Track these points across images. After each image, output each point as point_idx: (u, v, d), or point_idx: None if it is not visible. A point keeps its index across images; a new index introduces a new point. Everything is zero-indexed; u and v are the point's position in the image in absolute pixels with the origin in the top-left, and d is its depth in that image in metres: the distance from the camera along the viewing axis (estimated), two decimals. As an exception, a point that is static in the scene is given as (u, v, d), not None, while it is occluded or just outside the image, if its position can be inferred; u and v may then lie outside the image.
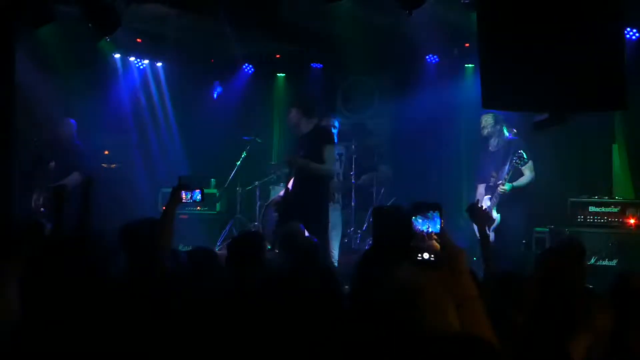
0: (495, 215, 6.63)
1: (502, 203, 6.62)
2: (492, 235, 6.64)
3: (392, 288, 2.12)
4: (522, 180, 6.65)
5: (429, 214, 2.17)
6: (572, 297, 3.21)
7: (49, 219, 5.23)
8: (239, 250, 3.81)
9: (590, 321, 2.50)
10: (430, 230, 2.16)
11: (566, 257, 3.57)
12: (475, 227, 4.02)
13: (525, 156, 6.49)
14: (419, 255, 2.14)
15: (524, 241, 6.73)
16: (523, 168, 6.63)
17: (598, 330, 2.46)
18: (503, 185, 6.54)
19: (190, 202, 4.35)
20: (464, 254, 2.13)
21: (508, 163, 6.53)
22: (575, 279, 3.42)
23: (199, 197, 4.33)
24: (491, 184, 6.72)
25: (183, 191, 4.33)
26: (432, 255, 2.13)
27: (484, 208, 6.63)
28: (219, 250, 7.75)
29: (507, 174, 6.54)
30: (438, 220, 2.16)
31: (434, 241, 2.14)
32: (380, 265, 2.30)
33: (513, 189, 6.58)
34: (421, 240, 2.15)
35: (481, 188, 6.92)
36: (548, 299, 3.27)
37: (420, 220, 2.17)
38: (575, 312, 2.55)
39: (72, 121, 7.73)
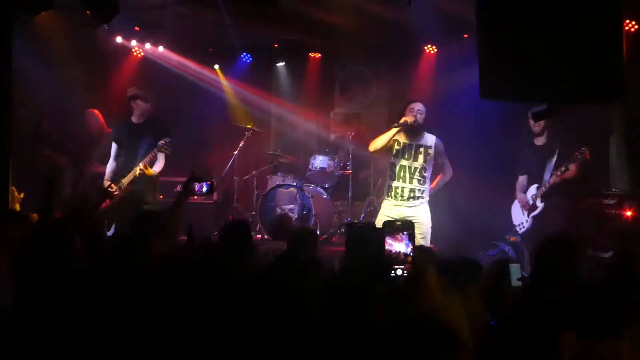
0: (540, 204, 6.56)
1: (549, 193, 6.53)
2: (530, 221, 6.64)
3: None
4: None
5: (400, 235, 2.30)
6: (565, 289, 3.23)
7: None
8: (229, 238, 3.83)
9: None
10: (401, 251, 2.32)
11: (560, 250, 3.58)
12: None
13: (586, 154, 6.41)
14: (392, 271, 2.31)
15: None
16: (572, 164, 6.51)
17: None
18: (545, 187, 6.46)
19: (199, 193, 4.37)
20: (432, 271, 2.27)
21: (571, 160, 6.41)
22: (569, 272, 3.43)
23: (204, 189, 4.34)
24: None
25: (195, 183, 4.33)
26: (405, 272, 2.31)
27: (528, 198, 6.62)
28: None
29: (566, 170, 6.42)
30: (408, 242, 2.33)
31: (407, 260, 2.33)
32: (355, 281, 2.45)
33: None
34: (395, 261, 2.32)
35: (523, 179, 6.80)
36: (541, 291, 3.29)
37: (391, 242, 2.34)
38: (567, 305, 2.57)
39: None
